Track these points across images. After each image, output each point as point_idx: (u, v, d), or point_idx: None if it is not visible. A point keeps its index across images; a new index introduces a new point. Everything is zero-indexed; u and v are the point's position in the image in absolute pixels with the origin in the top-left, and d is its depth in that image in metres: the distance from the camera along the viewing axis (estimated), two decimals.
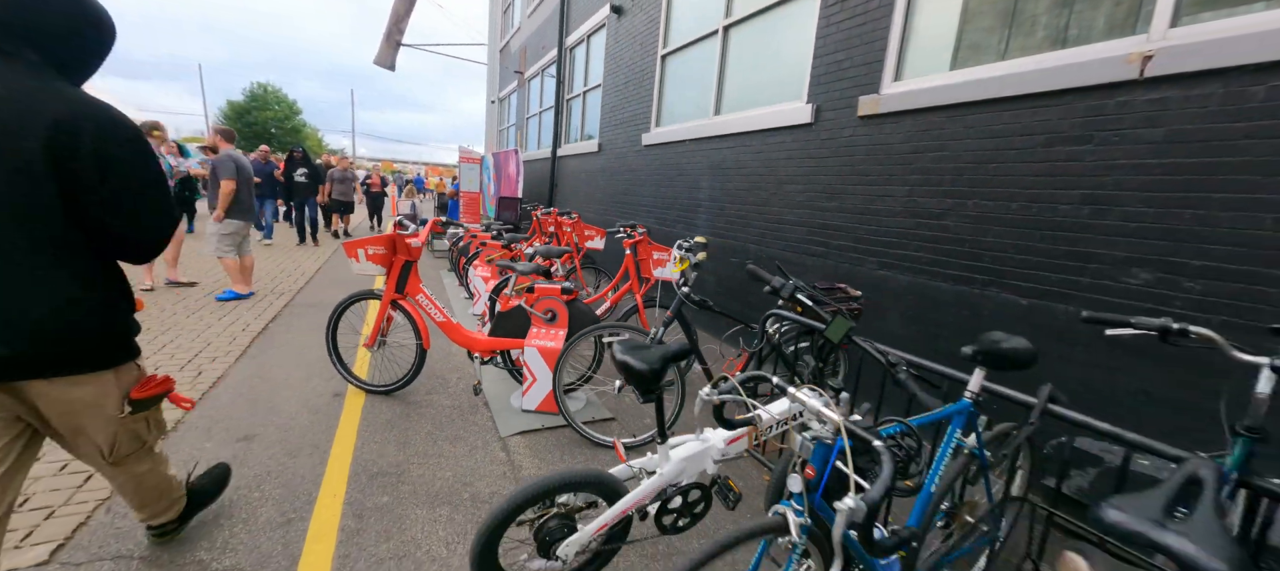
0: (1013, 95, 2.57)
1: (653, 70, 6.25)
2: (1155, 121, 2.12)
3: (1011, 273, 2.58)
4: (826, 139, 3.72)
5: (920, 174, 3.06)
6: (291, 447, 2.46)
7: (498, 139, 15.81)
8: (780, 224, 4.13)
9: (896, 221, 3.19)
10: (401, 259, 2.98)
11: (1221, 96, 1.95)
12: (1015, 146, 2.59)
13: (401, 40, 15.77)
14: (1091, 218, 2.31)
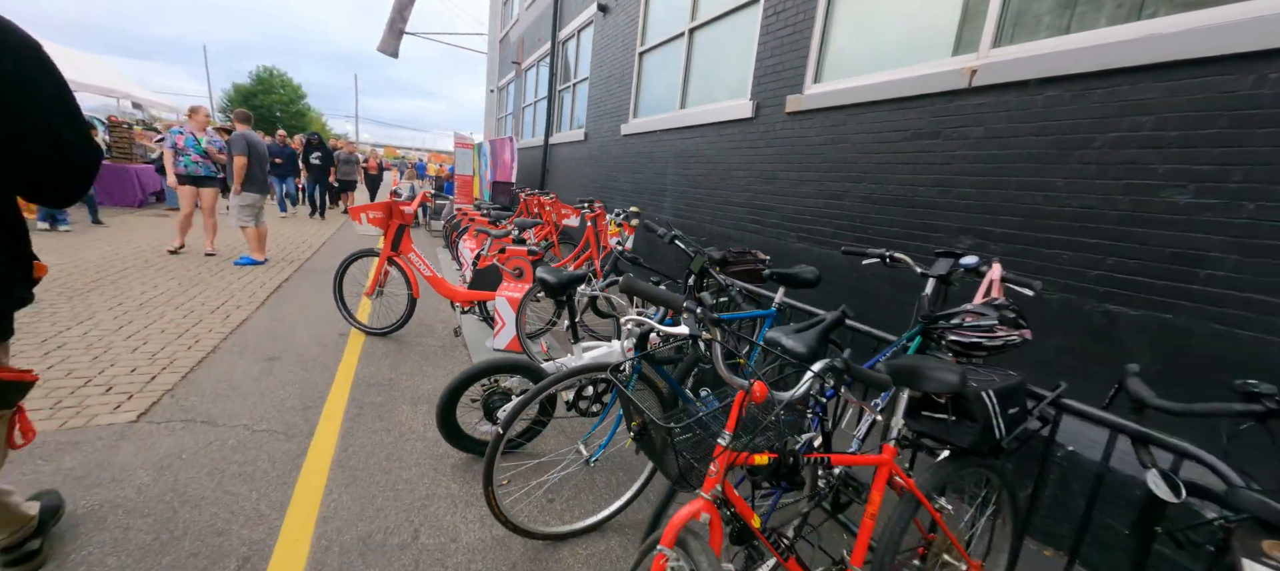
0: (889, 99, 3.19)
1: (632, 65, 6.84)
2: (979, 121, 2.74)
3: (884, 241, 3.21)
4: (763, 132, 4.33)
5: (828, 162, 3.67)
6: (307, 366, 3.11)
7: (496, 127, 16.37)
8: (728, 205, 4.75)
9: (810, 202, 3.81)
10: (397, 222, 3.62)
11: (1017, 102, 2.57)
12: (889, 140, 3.21)
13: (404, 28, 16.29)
14: (938, 197, 2.93)
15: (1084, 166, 2.31)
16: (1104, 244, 2.24)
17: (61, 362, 2.80)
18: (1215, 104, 1.95)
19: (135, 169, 9.09)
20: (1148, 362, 2.07)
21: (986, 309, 1.51)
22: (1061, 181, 2.39)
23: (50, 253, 5.01)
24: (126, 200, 8.89)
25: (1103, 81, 2.25)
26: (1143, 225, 2.13)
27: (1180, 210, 2.03)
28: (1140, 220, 2.14)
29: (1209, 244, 1.96)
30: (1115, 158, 2.22)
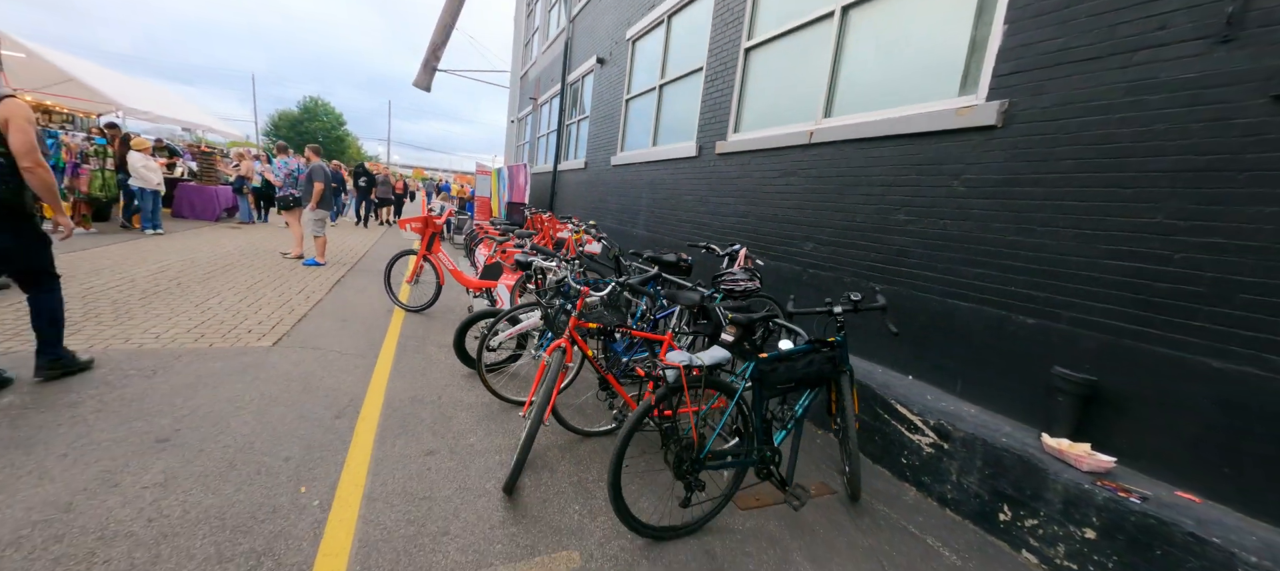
0: (769, 148, 4.58)
1: (620, 109, 8.38)
2: (811, 166, 4.11)
3: (767, 249, 4.56)
4: (703, 167, 5.74)
5: (739, 193, 5.06)
6: (368, 326, 4.59)
7: (515, 153, 18.16)
8: (680, 224, 6.15)
9: (729, 221, 5.19)
10: (430, 230, 5.13)
11: (830, 154, 3.93)
12: (769, 176, 4.59)
13: (437, 66, 18.41)
14: (794, 215, 4.28)
15: (858, 196, 3.67)
16: (867, 245, 3.58)
17: (216, 316, 4.33)
18: (908, 160, 3.30)
19: (214, 189, 10.98)
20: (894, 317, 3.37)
21: (738, 272, 2.86)
22: (848, 205, 3.74)
23: (173, 254, 6.71)
24: (207, 214, 10.75)
25: (866, 145, 3.62)
26: (883, 233, 3.47)
27: (898, 225, 3.36)
28: (881, 229, 3.48)
29: (910, 245, 3.28)
30: (872, 191, 3.57)
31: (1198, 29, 2.10)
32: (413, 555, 1.84)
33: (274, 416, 2.72)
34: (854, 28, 3.95)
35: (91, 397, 2.70)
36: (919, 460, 2.74)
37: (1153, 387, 2.20)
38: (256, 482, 2.14)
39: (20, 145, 2.54)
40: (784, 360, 2.22)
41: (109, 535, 1.76)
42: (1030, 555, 2.23)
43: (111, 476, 2.06)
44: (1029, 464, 2.25)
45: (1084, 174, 2.45)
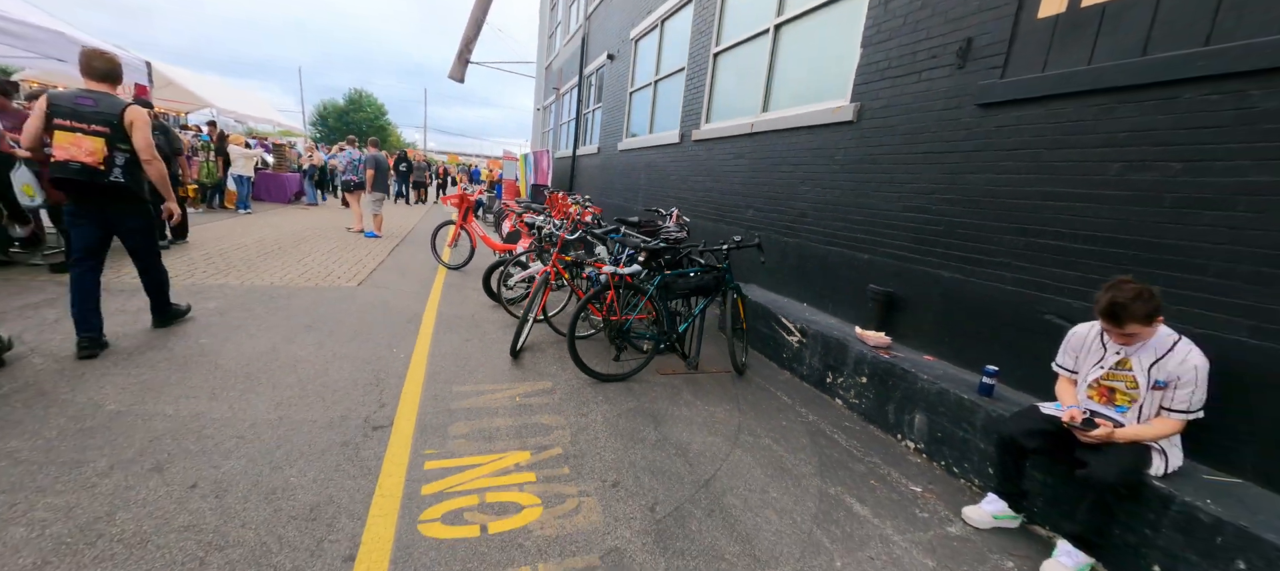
0: (727, 136, 5.79)
1: (625, 100, 9.63)
2: (751, 152, 5.31)
3: (726, 217, 5.80)
4: (684, 151, 6.98)
5: (707, 172, 6.29)
6: (419, 278, 6.10)
7: (540, 139, 19.61)
8: (667, 197, 7.42)
9: (700, 194, 6.44)
10: (465, 205, 6.59)
11: (764, 142, 5.13)
12: (726, 160, 5.81)
13: (470, 58, 19.96)
14: (741, 188, 5.50)
15: (780, 174, 4.87)
16: (783, 209, 4.79)
17: (312, 269, 5.92)
18: (809, 146, 4.49)
19: (286, 176, 12.88)
20: (792, 259, 4.61)
21: (672, 226, 4.15)
22: (773, 180, 4.95)
23: (265, 229, 8.47)
24: (281, 198, 12.66)
25: (786, 134, 4.81)
26: (791, 200, 4.68)
27: (801, 194, 4.56)
28: (791, 198, 4.68)
29: (807, 209, 4.49)
30: (787, 169, 4.77)
31: (949, 59, 3.24)
32: (456, 377, 3.26)
33: (370, 320, 4.22)
34: (784, 42, 5.10)
35: (259, 308, 4.25)
36: (790, 352, 4.01)
37: (917, 293, 3.40)
38: (368, 345, 3.61)
39: (143, 144, 3.05)
40: (681, 277, 3.53)
41: (300, 360, 3.24)
42: (837, 399, 3.49)
43: (289, 341, 3.57)
44: (845, 345, 3.49)
45: (895, 154, 3.63)
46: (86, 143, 2.91)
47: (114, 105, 3.01)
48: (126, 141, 3.04)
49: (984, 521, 2.26)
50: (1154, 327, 1.95)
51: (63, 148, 2.88)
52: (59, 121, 2.89)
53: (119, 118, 3.00)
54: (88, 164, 2.94)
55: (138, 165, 3.11)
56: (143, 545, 1.66)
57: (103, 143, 2.95)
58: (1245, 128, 2.03)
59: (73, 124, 2.90)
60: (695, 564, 1.86)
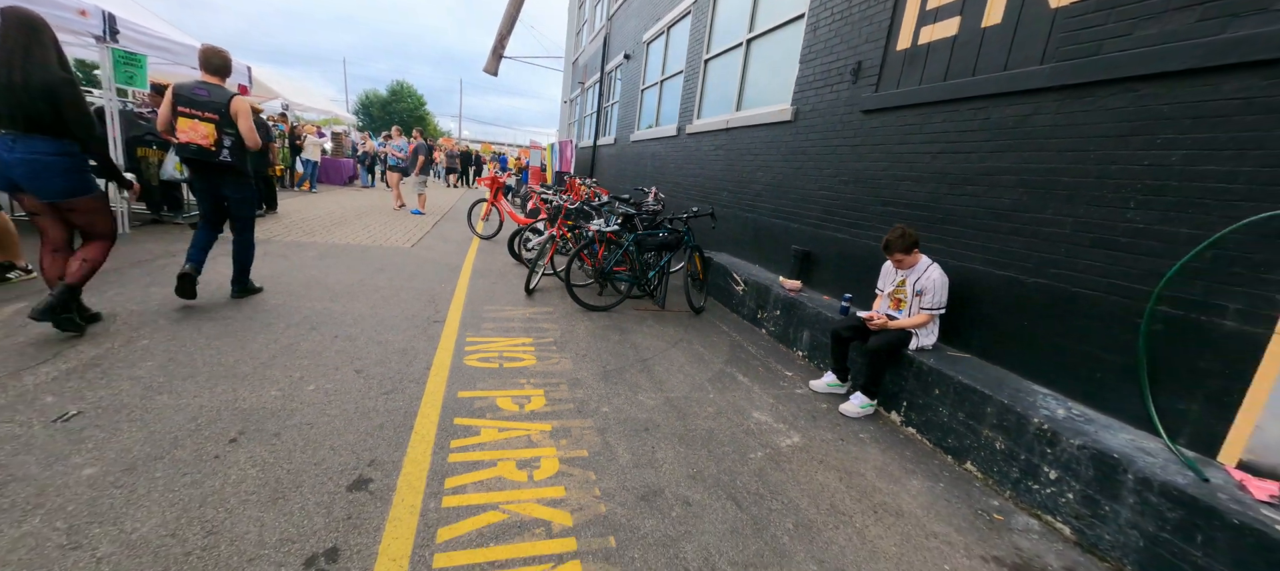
0: (711, 131, 6.97)
1: (637, 96, 10.85)
2: (729, 145, 6.48)
3: (709, 198, 6.99)
4: (681, 143, 8.18)
5: (696, 161, 7.48)
6: (457, 244, 7.54)
7: (567, 130, 20.99)
8: (665, 182, 8.63)
9: (691, 180, 7.64)
10: (496, 186, 8.00)
11: (733, 137, 6.29)
12: (708, 151, 6.99)
13: (503, 54, 21.46)
14: (720, 176, 6.69)
15: (745, 163, 6.04)
16: (746, 191, 5.96)
17: (375, 234, 7.42)
18: (764, 140, 5.65)
19: (342, 161, 14.65)
20: (750, 231, 5.80)
21: (653, 201, 5.38)
22: (741, 168, 6.13)
23: (331, 204, 10.12)
24: (338, 180, 14.44)
25: (750, 130, 5.97)
26: (750, 184, 5.85)
27: (758, 180, 5.73)
28: (750, 182, 5.85)
29: (762, 191, 5.65)
30: (750, 159, 5.94)
31: (848, 76, 4.36)
32: (486, 302, 4.61)
33: (423, 269, 5.64)
34: (753, 53, 6.24)
35: (344, 256, 5.72)
36: (737, 298, 5.22)
37: (823, 251, 4.56)
38: (424, 283, 5.01)
39: (246, 129, 3.52)
40: (650, 236, 4.79)
41: (380, 287, 4.66)
42: (762, 329, 4.70)
43: (370, 276, 5.00)
44: (770, 289, 4.68)
45: (815, 147, 4.77)
46: (201, 127, 3.38)
47: (222, 96, 3.47)
48: (232, 126, 3.48)
49: (821, 387, 3.46)
50: (915, 256, 3.11)
51: (184, 131, 3.38)
52: (181, 109, 3.37)
53: (227, 106, 3.45)
54: (202, 145, 3.42)
55: (242, 146, 3.57)
56: (314, 357, 3.05)
57: (213, 127, 3.42)
58: (987, 131, 3.14)
59: (191, 111, 3.38)
60: (622, 388, 3.15)
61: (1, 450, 1.92)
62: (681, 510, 2.08)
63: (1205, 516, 1.80)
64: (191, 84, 3.48)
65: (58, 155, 2.80)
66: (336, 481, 1.98)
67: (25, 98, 2.65)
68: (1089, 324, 2.56)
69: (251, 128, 3.55)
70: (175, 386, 2.53)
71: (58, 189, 2.84)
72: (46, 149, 2.76)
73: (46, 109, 2.70)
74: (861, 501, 2.30)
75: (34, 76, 2.65)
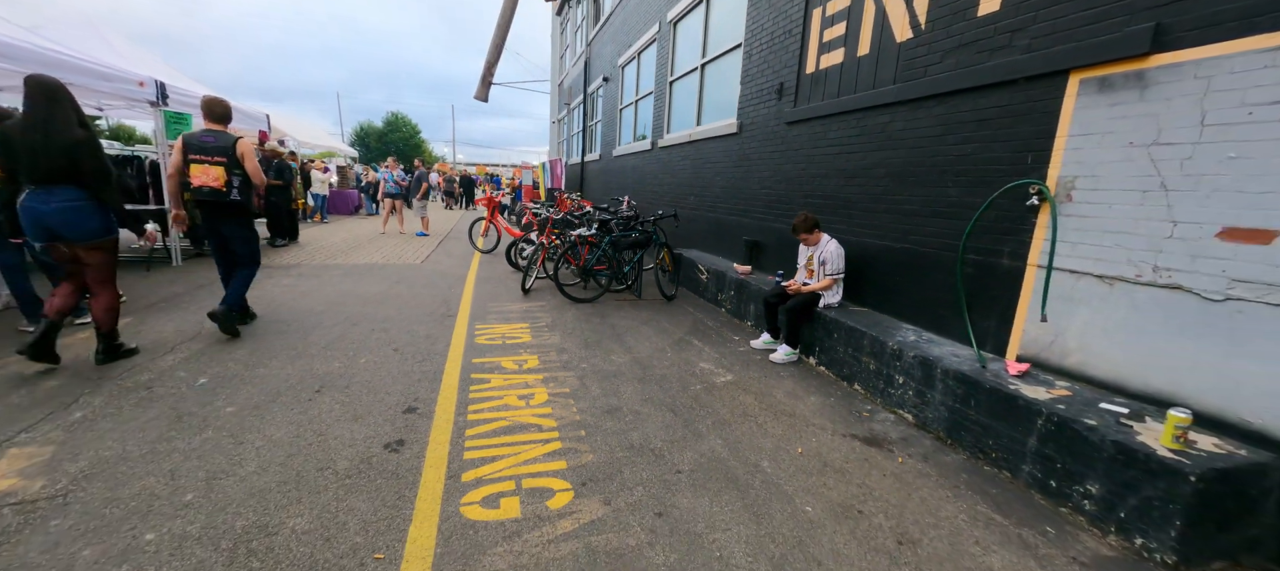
0: (678, 144, 7.93)
1: (617, 115, 11.86)
2: (693, 156, 7.43)
3: (679, 203, 7.94)
4: (654, 156, 9.15)
5: (667, 171, 8.45)
6: (461, 258, 8.47)
7: (556, 148, 22.05)
8: (641, 191, 9.59)
9: (665, 188, 8.59)
10: (493, 204, 8.96)
11: (697, 149, 7.25)
12: (675, 162, 7.95)
13: (492, 80, 22.57)
14: (687, 182, 7.64)
15: (706, 170, 6.99)
16: (705, 195, 6.91)
17: (388, 254, 8.36)
18: (719, 150, 6.60)
19: (348, 192, 15.65)
20: (712, 228, 6.73)
21: (626, 208, 6.31)
22: (701, 175, 7.08)
23: (342, 232, 11.09)
24: (344, 210, 15.44)
25: (708, 142, 6.93)
26: (707, 189, 6.79)
27: (714, 184, 6.68)
28: (708, 187, 6.80)
29: (719, 195, 6.59)
30: (708, 167, 6.89)
31: (774, 94, 5.31)
32: (490, 301, 5.52)
33: (434, 279, 6.57)
34: (708, 76, 7.21)
35: (365, 273, 6.65)
36: (702, 286, 6.14)
37: (768, 239, 5.49)
38: (436, 290, 5.93)
39: (252, 169, 3.83)
40: (624, 237, 5.73)
41: (400, 295, 5.57)
42: (721, 308, 5.62)
43: (390, 287, 5.92)
44: (726, 275, 5.59)
45: (755, 154, 5.71)
46: (212, 171, 3.70)
47: (227, 140, 3.76)
48: (239, 168, 3.78)
49: (758, 345, 4.37)
50: (817, 236, 4.03)
51: (197, 176, 3.71)
52: (192, 156, 3.68)
53: (232, 149, 3.75)
54: (215, 187, 3.73)
55: (249, 186, 3.87)
56: (360, 342, 3.96)
57: (223, 170, 3.73)
58: (865, 136, 4.07)
59: (201, 157, 3.68)
60: (598, 352, 4.05)
61: (177, 398, 2.83)
62: (633, 417, 2.98)
63: (976, 389, 2.70)
64: (199, 133, 3.81)
65: (85, 201, 3.12)
66: (394, 408, 2.89)
67: (50, 156, 2.97)
68: (933, 274, 3.47)
69: (257, 168, 3.87)
70: (265, 363, 3.44)
71: (91, 230, 3.15)
72: (75, 197, 3.08)
73: (68, 164, 3.01)
74: (767, 410, 3.20)
75: (56, 137, 2.97)
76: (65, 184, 3.05)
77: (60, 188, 3.04)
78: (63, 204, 3.04)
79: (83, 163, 3.06)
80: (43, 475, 2.14)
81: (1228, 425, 2.13)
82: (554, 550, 1.88)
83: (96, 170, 3.12)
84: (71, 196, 3.06)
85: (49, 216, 3.03)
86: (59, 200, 3.04)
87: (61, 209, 3.04)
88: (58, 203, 3.04)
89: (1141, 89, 2.35)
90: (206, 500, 2.04)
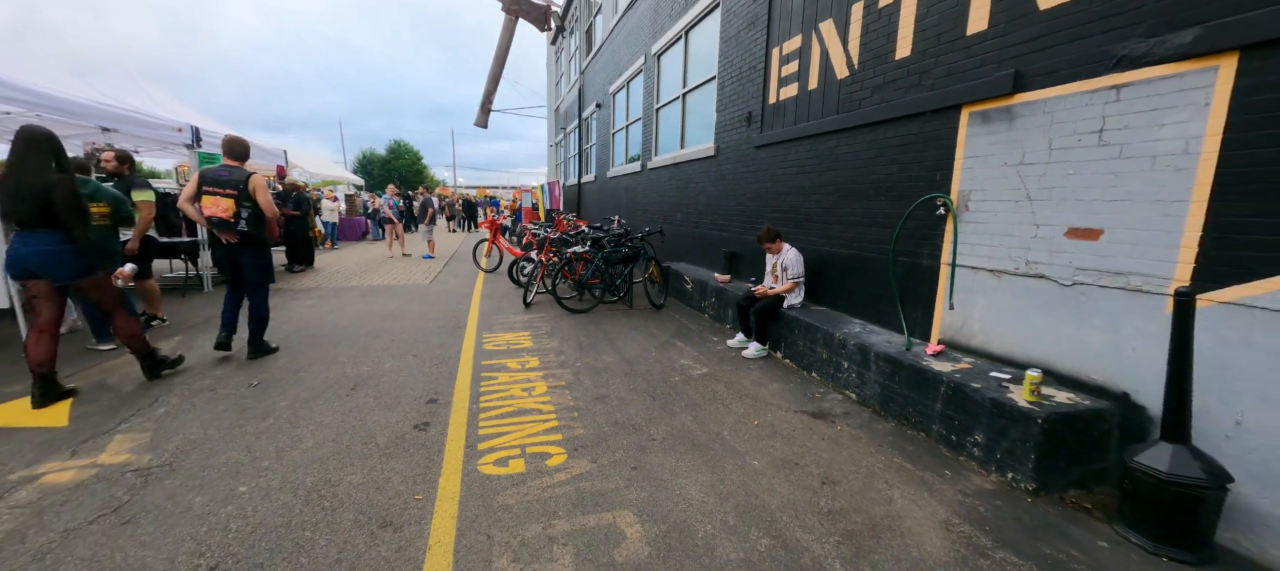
0: (665, 166, 8.60)
1: (610, 139, 12.58)
2: (678, 176, 8.09)
3: (667, 220, 8.57)
4: (644, 176, 9.81)
5: (656, 190, 9.10)
6: (467, 277, 9.08)
7: (554, 170, 22.84)
8: (632, 209, 10.24)
9: (653, 206, 9.23)
10: (495, 226, 9.61)
11: (683, 170, 7.90)
12: (664, 182, 8.61)
13: (491, 107, 23.48)
14: (673, 201, 8.27)
15: (690, 189, 7.63)
16: (691, 211, 7.53)
17: (398, 276, 8.97)
18: (700, 171, 7.25)
19: (356, 219, 16.36)
20: (696, 242, 7.34)
21: (617, 226, 6.93)
22: (686, 193, 7.72)
23: (354, 257, 11.75)
24: (353, 236, 16.13)
25: (691, 164, 7.58)
26: (691, 205, 7.42)
27: (698, 202, 7.31)
28: (691, 205, 7.43)
29: (702, 211, 7.22)
30: (692, 186, 7.53)
31: (744, 121, 5.96)
32: (495, 314, 6.11)
33: (443, 297, 7.16)
34: (689, 104, 7.89)
35: (380, 293, 7.25)
36: (687, 294, 6.73)
37: (744, 250, 6.09)
38: (446, 305, 6.52)
39: (263, 202, 4.03)
40: (615, 252, 6.34)
41: (414, 311, 6.16)
42: (704, 314, 6.19)
43: (404, 305, 6.51)
44: (709, 285, 6.18)
45: (731, 175, 6.35)
46: (222, 202, 3.93)
47: (241, 175, 4.00)
48: (250, 200, 4.00)
49: (733, 344, 4.94)
50: (779, 245, 4.62)
51: (208, 207, 3.93)
52: (206, 188, 3.93)
53: (245, 184, 3.99)
54: (223, 218, 3.94)
55: (259, 217, 4.07)
56: (384, 350, 4.54)
57: (233, 202, 3.95)
58: (818, 158, 4.69)
59: (214, 189, 3.93)
60: (591, 353, 4.62)
61: (238, 396, 3.41)
62: (618, 402, 3.55)
63: (900, 367, 3.26)
64: (216, 168, 4.06)
65: (62, 245, 3.22)
66: (418, 399, 3.46)
67: (24, 199, 3.13)
68: (874, 275, 4.06)
69: (268, 201, 4.09)
70: (305, 369, 4.02)
71: (68, 273, 3.28)
72: (52, 241, 3.20)
73: (43, 206, 3.14)
74: (734, 394, 3.76)
75: (29, 180, 3.13)
76: (44, 227, 3.18)
77: (39, 231, 3.18)
78: (40, 247, 3.18)
79: (56, 204, 3.16)
80: (149, 451, 2.71)
81: (1080, 383, 2.69)
82: (551, 493, 2.44)
83: (71, 210, 3.21)
84: (48, 240, 3.18)
85: (28, 258, 3.18)
86: (37, 243, 3.17)
87: (39, 252, 3.18)
88: (36, 246, 3.17)
89: (1010, 121, 2.97)
90: (279, 465, 2.61)
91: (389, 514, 2.24)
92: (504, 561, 1.98)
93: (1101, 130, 2.53)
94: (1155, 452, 2.15)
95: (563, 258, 6.54)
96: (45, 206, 3.14)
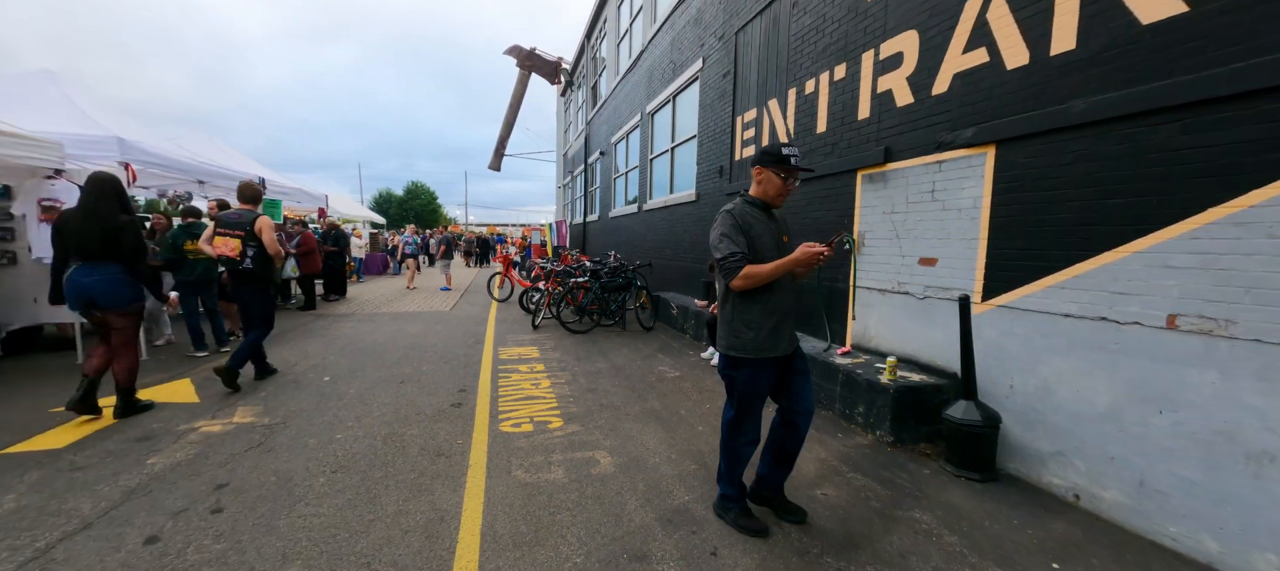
0: (658, 208, 9.83)
1: (612, 183, 13.94)
2: (669, 217, 9.30)
3: (659, 255, 9.74)
4: (641, 217, 11.06)
5: (651, 229, 10.31)
6: (482, 307, 10.23)
7: (562, 210, 24.35)
8: (630, 246, 11.44)
9: (649, 244, 10.43)
10: (507, 261, 10.84)
11: (672, 212, 9.12)
12: (657, 223, 9.83)
13: (504, 152, 25.22)
14: (664, 239, 9.46)
15: (678, 229, 8.83)
16: (678, 247, 8.70)
17: (422, 306, 10.15)
18: (686, 213, 8.46)
19: (377, 254, 17.76)
20: (683, 275, 8.48)
21: (613, 260, 8.10)
22: (675, 232, 8.91)
23: (378, 291, 13.02)
24: (375, 270, 17.48)
25: (679, 207, 8.80)
26: (677, 242, 8.60)
27: (683, 240, 8.49)
28: (678, 242, 8.61)
29: (686, 248, 8.39)
30: (680, 226, 8.73)
31: (718, 171, 7.18)
32: (507, 335, 7.20)
33: (464, 323, 8.29)
34: (677, 156, 9.18)
35: (408, 319, 8.39)
36: (674, 319, 7.81)
37: None
38: (467, 330, 7.64)
39: (268, 241, 4.37)
40: (611, 282, 7.47)
41: (439, 332, 7.28)
42: (686, 334, 7.26)
43: (429, 328, 7.64)
44: (690, 310, 7.26)
45: (710, 217, 7.52)
46: (230, 242, 4.32)
47: (249, 217, 4.39)
48: (255, 241, 4.32)
49: (706, 355, 5.99)
50: None
51: (218, 246, 4.38)
52: (219, 230, 4.39)
53: (252, 225, 4.35)
54: (230, 256, 4.35)
55: (265, 257, 4.40)
56: (420, 359, 5.64)
57: (239, 242, 4.33)
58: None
59: (224, 230, 4.37)
60: (587, 362, 5.69)
61: (318, 387, 4.50)
62: (604, 392, 4.60)
63: (819, 365, 4.31)
64: (230, 212, 4.48)
65: (122, 274, 3.63)
66: (452, 390, 4.55)
67: (93, 238, 3.53)
68: (808, 296, 5.14)
69: (273, 240, 4.39)
70: (361, 371, 5.13)
71: (126, 297, 3.65)
72: (114, 271, 3.60)
73: (111, 243, 3.56)
74: (696, 390, 4.80)
75: (99, 221, 3.55)
76: (107, 260, 3.56)
77: (103, 264, 3.55)
78: (103, 277, 3.55)
79: (124, 241, 3.60)
80: (266, 416, 3.81)
81: (932, 367, 3.72)
82: (551, 441, 3.49)
83: (134, 248, 3.65)
84: (111, 271, 3.57)
85: (91, 287, 3.53)
86: (101, 274, 3.55)
87: (102, 280, 3.55)
88: (99, 275, 3.54)
89: (884, 182, 4.11)
90: (360, 425, 3.69)
91: (441, 449, 3.31)
92: (520, 473, 3.02)
93: (934, 190, 3.67)
94: (956, 406, 3.17)
95: (566, 286, 7.69)
96: (114, 244, 3.57)
